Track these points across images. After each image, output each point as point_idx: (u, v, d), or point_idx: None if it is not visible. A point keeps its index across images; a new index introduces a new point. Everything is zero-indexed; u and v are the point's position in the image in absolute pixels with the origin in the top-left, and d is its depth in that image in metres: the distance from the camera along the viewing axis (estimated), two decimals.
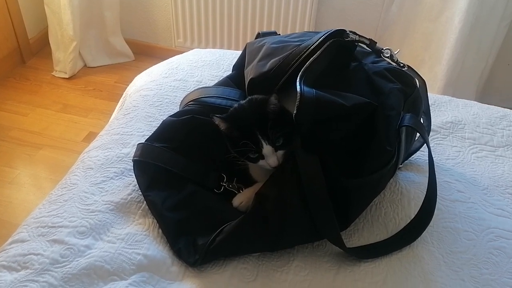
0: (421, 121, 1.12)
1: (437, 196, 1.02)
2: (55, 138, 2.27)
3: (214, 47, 2.61)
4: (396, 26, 2.32)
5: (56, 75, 2.67)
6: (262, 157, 0.95)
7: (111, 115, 1.49)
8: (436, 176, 1.02)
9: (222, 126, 0.97)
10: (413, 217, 1.02)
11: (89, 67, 2.75)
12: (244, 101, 1.01)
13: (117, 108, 1.51)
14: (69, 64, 2.62)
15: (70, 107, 2.47)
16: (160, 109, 1.30)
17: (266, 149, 0.94)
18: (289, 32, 1.68)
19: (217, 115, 0.96)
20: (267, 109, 0.94)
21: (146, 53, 2.83)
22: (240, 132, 0.94)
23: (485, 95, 2.30)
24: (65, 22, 2.50)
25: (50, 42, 2.64)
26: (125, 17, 2.76)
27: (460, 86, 2.18)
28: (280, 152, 0.95)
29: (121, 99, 1.53)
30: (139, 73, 1.56)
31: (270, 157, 0.94)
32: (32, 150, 2.20)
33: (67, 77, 2.65)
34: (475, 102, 1.47)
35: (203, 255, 0.91)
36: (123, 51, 2.79)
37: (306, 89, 0.90)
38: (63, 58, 2.63)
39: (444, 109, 1.42)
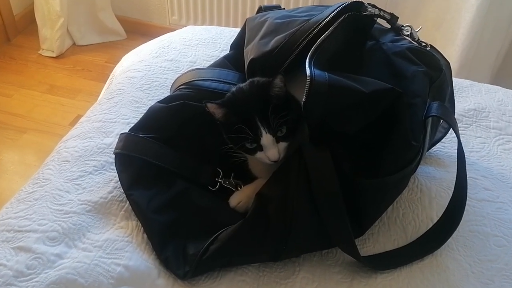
0: None
1: None
2: (41, 121, 2.15)
3: (211, 25, 2.45)
4: (406, 3, 2.17)
5: (43, 54, 2.54)
6: (261, 148, 0.83)
7: None
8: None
9: (218, 113, 0.84)
10: (435, 218, 0.91)
11: (78, 45, 2.62)
12: (244, 84, 0.89)
13: (103, 91, 1.38)
14: (57, 42, 2.49)
15: (57, 88, 2.35)
16: (148, 93, 1.17)
17: (266, 138, 0.82)
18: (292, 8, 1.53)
19: (211, 101, 0.83)
20: (270, 93, 0.82)
21: (138, 31, 2.69)
22: (237, 117, 0.83)
23: (499, 79, 2.16)
24: None
25: (36, 18, 2.50)
26: None
27: (474, 68, 2.04)
28: (283, 145, 0.83)
29: (108, 81, 1.40)
30: None
31: (270, 148, 0.82)
32: (15, 134, 2.08)
33: (55, 56, 2.52)
34: (499, 87, 1.33)
35: (195, 267, 0.79)
36: (114, 28, 2.65)
37: (317, 72, 0.77)
38: (50, 36, 2.50)
39: (465, 94, 1.28)
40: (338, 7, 0.86)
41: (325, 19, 0.86)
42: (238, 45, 1.09)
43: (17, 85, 2.34)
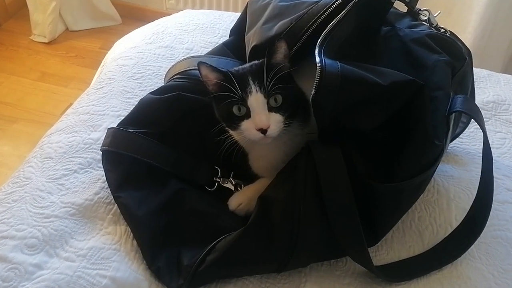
0: None
1: None
2: (31, 110, 2.08)
3: (210, 9, 2.36)
4: None
5: (34, 40, 2.47)
6: (249, 115, 0.74)
7: None
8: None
9: (210, 78, 0.77)
10: (454, 223, 0.84)
11: (71, 30, 2.54)
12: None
13: (93, 80, 1.29)
14: (49, 27, 2.41)
15: (49, 75, 2.27)
16: (140, 83, 1.09)
17: (255, 98, 0.73)
18: None
19: (205, 62, 0.76)
20: (271, 60, 0.74)
21: (134, 16, 2.61)
22: (231, 83, 0.74)
23: (510, 68, 2.08)
24: None
25: (27, 2, 2.42)
26: None
27: (486, 56, 1.95)
28: (275, 116, 0.74)
29: (99, 69, 1.32)
30: None
31: (259, 113, 0.73)
32: (4, 123, 2.01)
33: (47, 41, 2.44)
34: None
35: (190, 280, 0.72)
36: (109, 13, 2.57)
37: (328, 61, 0.69)
38: (42, 21, 2.42)
39: (483, 85, 1.19)
40: None
41: (336, 1, 0.78)
42: (239, 30, 1.02)
43: (7, 72, 2.27)
